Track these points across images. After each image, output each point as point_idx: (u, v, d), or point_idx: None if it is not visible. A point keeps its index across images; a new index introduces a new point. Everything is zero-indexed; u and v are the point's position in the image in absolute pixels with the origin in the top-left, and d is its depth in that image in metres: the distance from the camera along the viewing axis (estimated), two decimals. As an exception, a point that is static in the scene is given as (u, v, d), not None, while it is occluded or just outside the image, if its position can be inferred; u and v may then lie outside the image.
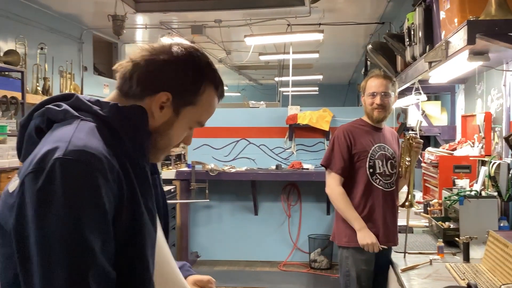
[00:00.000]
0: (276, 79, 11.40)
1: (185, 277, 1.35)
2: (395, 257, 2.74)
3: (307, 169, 5.72)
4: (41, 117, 1.10)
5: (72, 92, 1.42)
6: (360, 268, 2.77)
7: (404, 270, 2.47)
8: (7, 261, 1.02)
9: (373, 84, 2.84)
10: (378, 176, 2.80)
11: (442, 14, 2.60)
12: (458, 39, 2.17)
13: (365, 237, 2.70)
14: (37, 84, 6.26)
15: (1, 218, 1.02)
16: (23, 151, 1.14)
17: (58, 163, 0.94)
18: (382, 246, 2.71)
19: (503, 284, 2.02)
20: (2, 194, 1.05)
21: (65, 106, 1.08)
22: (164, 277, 1.18)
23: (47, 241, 0.92)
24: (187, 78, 1.13)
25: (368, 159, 2.79)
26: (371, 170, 2.79)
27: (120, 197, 1.01)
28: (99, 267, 0.95)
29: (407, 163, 2.77)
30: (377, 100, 2.80)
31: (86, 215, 0.94)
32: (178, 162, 10.10)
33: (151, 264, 1.10)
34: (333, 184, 2.84)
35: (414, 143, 2.74)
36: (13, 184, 1.01)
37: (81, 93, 7.42)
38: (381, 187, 2.80)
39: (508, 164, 3.07)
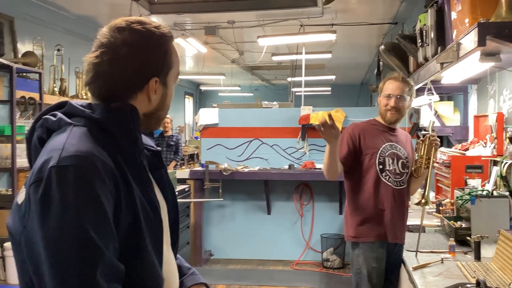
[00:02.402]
0: (289, 79, 11.44)
1: (192, 286, 1.39)
2: (407, 255, 2.77)
3: (320, 169, 5.74)
4: (41, 128, 1.15)
5: (67, 99, 1.46)
6: (371, 266, 2.80)
7: (415, 268, 2.50)
8: (23, 267, 1.08)
9: (390, 86, 2.88)
10: (388, 173, 2.84)
11: (454, 15, 2.63)
12: (469, 40, 2.20)
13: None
14: (54, 85, 6.38)
15: (13, 229, 1.08)
16: (32, 162, 1.17)
17: (53, 171, 1.00)
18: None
19: (513, 282, 2.05)
20: (13, 206, 1.11)
21: (59, 114, 1.13)
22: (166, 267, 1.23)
23: (53, 244, 0.97)
24: (158, 55, 1.18)
25: (378, 155, 2.83)
26: (380, 167, 2.83)
27: (117, 194, 1.06)
28: (107, 262, 1.01)
29: (425, 162, 2.81)
30: (392, 102, 2.85)
31: (86, 215, 0.99)
32: (191, 162, 10.20)
33: (157, 255, 1.15)
34: None
35: (434, 142, 2.78)
36: (21, 195, 1.07)
37: (97, 94, 7.53)
38: (390, 184, 2.84)
39: (520, 164, 3.09)
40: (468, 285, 1.79)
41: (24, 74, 5.67)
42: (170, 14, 7.26)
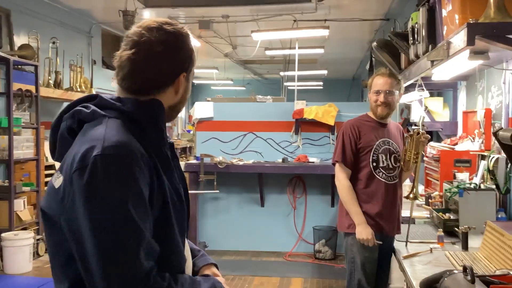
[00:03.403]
0: (281, 73, 11.50)
1: (203, 266, 1.49)
2: (398, 245, 2.88)
3: (313, 162, 5.84)
4: (71, 118, 1.25)
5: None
6: (364, 255, 2.91)
7: (406, 257, 2.61)
8: (57, 247, 1.18)
9: (378, 82, 2.98)
10: (381, 170, 2.94)
11: (444, 14, 2.73)
12: (459, 40, 2.30)
13: (362, 232, 2.87)
14: (49, 77, 6.41)
15: (49, 210, 1.18)
16: (57, 150, 1.29)
17: (98, 159, 1.10)
18: (378, 242, 2.87)
19: (498, 270, 2.17)
20: (48, 189, 1.21)
21: (92, 107, 1.23)
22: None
23: (100, 226, 1.08)
24: (186, 53, 1.30)
25: (372, 153, 2.93)
26: (374, 164, 2.93)
27: (151, 180, 1.17)
28: (147, 242, 1.12)
29: (414, 157, 2.91)
30: (381, 98, 2.94)
31: (129, 199, 1.10)
32: (183, 155, 10.25)
33: (181, 237, 1.26)
34: (341, 177, 2.98)
35: (422, 138, 2.88)
36: (58, 180, 1.17)
37: (91, 87, 7.58)
38: (383, 180, 2.94)
39: (506, 159, 3.21)
40: (455, 271, 1.89)
41: (20, 66, 5.70)
42: (164, 8, 7.30)
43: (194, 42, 1.36)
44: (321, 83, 14.66)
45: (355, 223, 2.89)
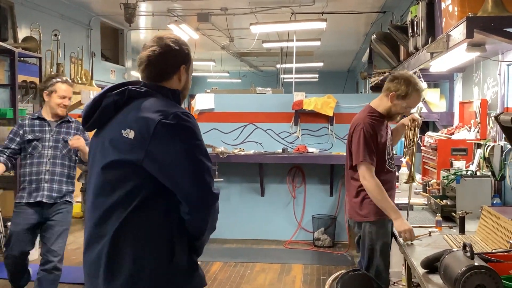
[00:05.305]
0: (278, 66, 11.59)
1: None
2: (398, 229, 3.01)
3: (312, 152, 5.95)
4: (119, 95, 1.72)
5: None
6: (383, 241, 3.00)
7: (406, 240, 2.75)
8: (121, 183, 1.64)
9: (417, 100, 3.06)
10: (390, 160, 3.07)
11: (443, 8, 2.84)
12: (458, 33, 2.42)
13: (402, 225, 2.81)
14: (51, 69, 6.47)
15: (126, 157, 1.62)
16: (96, 119, 1.74)
17: (179, 114, 1.65)
18: (418, 238, 2.80)
19: (495, 249, 2.30)
20: (121, 143, 1.64)
21: (144, 88, 1.75)
22: None
23: (192, 156, 1.64)
24: (182, 53, 1.82)
25: (386, 146, 3.05)
26: (388, 156, 3.05)
27: None
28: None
29: (411, 140, 3.05)
30: (408, 114, 3.11)
31: (201, 139, 1.69)
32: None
33: None
34: (368, 176, 2.94)
35: (416, 122, 3.05)
36: (131, 133, 1.63)
37: (91, 79, 7.64)
38: (392, 170, 3.09)
39: (501, 147, 3.35)
40: (455, 249, 2.02)
41: (23, 58, 5.77)
42: (163, 1, 7.37)
43: (192, 35, 1.74)
44: (316, 75, 14.77)
45: (393, 218, 2.87)
